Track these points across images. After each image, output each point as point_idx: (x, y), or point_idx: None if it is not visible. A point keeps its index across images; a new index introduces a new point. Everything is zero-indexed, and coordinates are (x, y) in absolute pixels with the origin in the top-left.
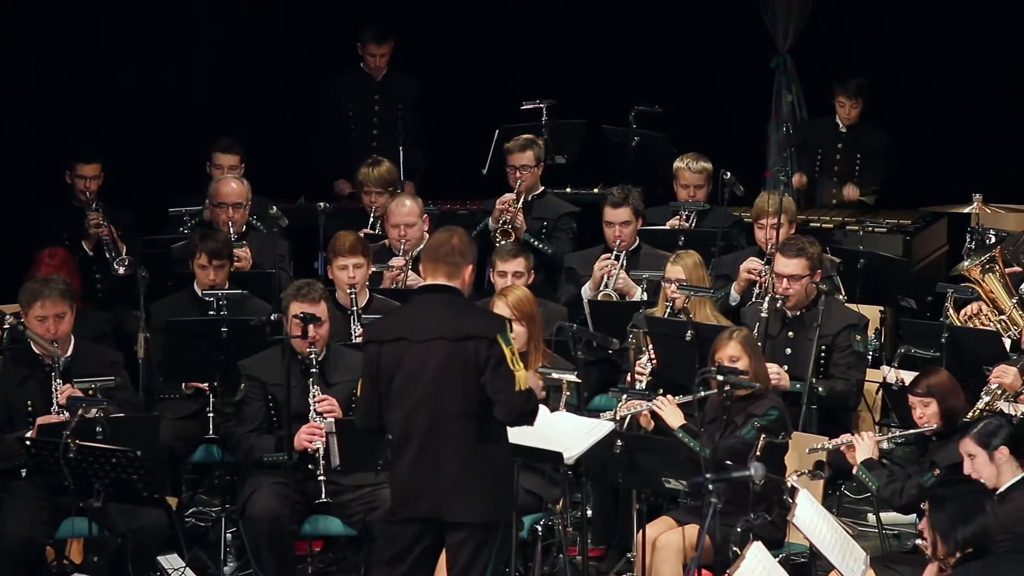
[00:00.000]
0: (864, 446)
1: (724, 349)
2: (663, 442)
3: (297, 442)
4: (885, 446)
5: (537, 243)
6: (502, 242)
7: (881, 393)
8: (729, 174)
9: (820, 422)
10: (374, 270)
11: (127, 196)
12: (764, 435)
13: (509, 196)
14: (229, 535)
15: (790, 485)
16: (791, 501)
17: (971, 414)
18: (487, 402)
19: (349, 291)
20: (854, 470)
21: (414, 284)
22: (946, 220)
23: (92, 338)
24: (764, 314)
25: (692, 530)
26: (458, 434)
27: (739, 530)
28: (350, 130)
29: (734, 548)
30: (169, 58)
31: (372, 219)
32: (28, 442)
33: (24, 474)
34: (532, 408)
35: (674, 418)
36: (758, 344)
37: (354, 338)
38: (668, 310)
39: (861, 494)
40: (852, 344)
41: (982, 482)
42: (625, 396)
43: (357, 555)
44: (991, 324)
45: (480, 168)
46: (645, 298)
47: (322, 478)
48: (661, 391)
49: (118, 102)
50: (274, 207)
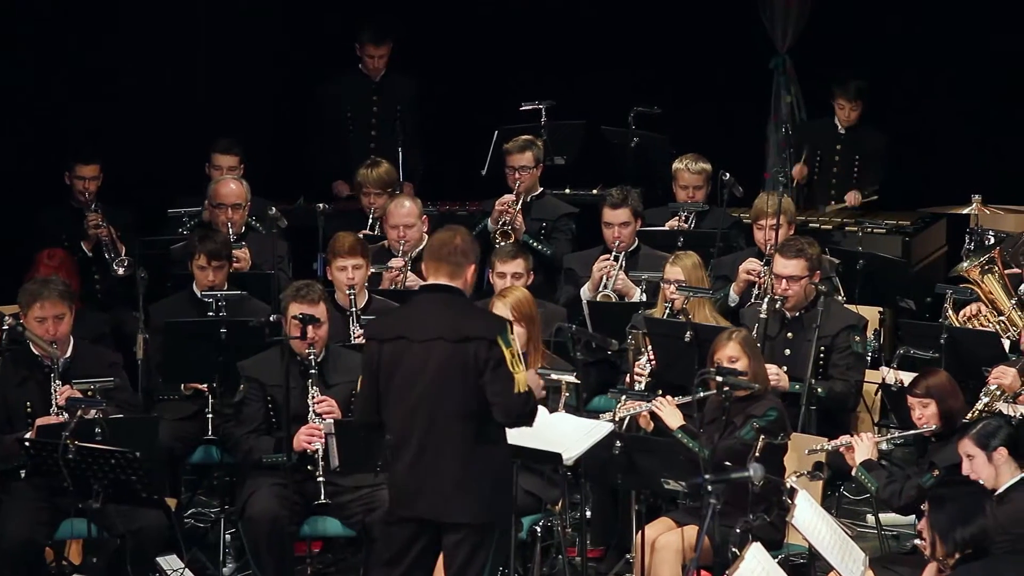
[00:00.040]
0: (863, 447)
1: (723, 350)
2: (662, 443)
3: (296, 443)
4: (884, 447)
5: (536, 244)
6: (501, 243)
7: (880, 394)
8: (728, 175)
9: (819, 423)
10: (373, 271)
11: (126, 197)
12: (763, 436)
13: (508, 197)
14: (228, 536)
15: (789, 486)
16: (790, 502)
17: (970, 415)
18: (486, 403)
19: (348, 292)
20: (853, 471)
21: (413, 285)
22: (945, 221)
23: (91, 339)
24: (763, 315)
25: (691, 531)
26: (457, 435)
27: (738, 531)
28: (348, 131)
29: (733, 549)
30: (169, 58)
31: (371, 220)
32: (27, 443)
33: (23, 475)
34: (531, 410)
35: (673, 419)
36: (757, 345)
37: (353, 339)
38: (667, 311)
39: (860, 495)
40: (851, 345)
41: (981, 483)
42: (624, 397)
43: (356, 556)
44: (990, 325)
45: (479, 169)
46: (644, 299)
47: (321, 479)
48: (660, 392)
49: (118, 102)
50: (273, 208)
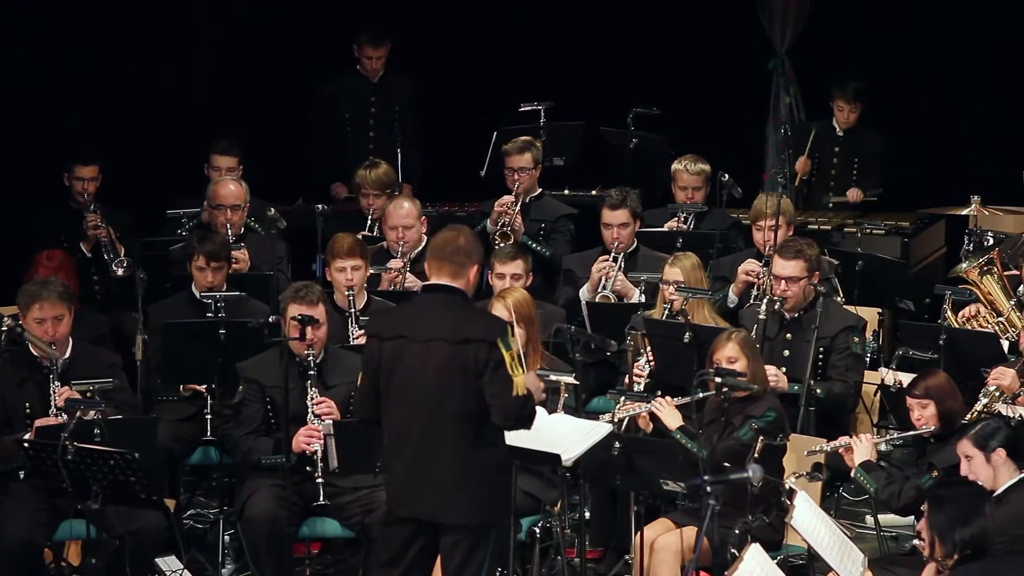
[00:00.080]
0: (862, 448)
1: (722, 350)
2: (661, 444)
3: (295, 444)
4: (883, 448)
5: (535, 245)
6: (500, 244)
7: (879, 395)
8: (727, 176)
9: (818, 424)
10: (372, 272)
11: (125, 198)
12: (762, 437)
13: (507, 198)
14: (227, 537)
15: (788, 487)
16: (789, 503)
17: (969, 416)
18: (485, 405)
19: (347, 293)
20: (852, 472)
21: (412, 286)
22: (944, 222)
23: (90, 340)
24: (762, 316)
25: (690, 532)
26: (455, 436)
27: (737, 532)
28: (347, 132)
29: (732, 550)
30: (169, 58)
31: (369, 221)
32: (26, 444)
33: (22, 476)
34: (528, 414)
35: (672, 419)
36: (756, 346)
37: (352, 340)
38: (666, 312)
39: (859, 496)
40: (850, 346)
41: (980, 484)
42: (623, 398)
43: (355, 557)
44: (989, 326)
45: (478, 170)
46: (643, 300)
47: (320, 480)
48: (659, 393)
49: (118, 102)
50: (272, 209)
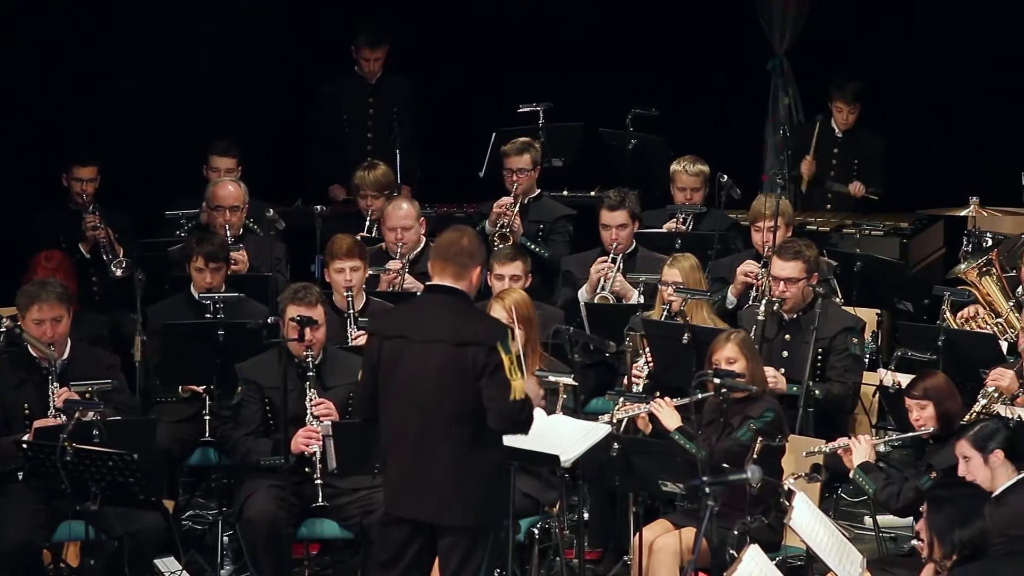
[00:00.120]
0: (861, 450)
1: (721, 351)
2: (660, 445)
3: (294, 446)
4: (882, 449)
5: (533, 246)
6: (499, 245)
7: (878, 396)
8: (726, 177)
9: (817, 425)
10: (371, 273)
11: (124, 199)
12: (760, 437)
13: (506, 199)
14: (226, 538)
15: (787, 488)
16: (788, 504)
17: (968, 417)
18: (483, 407)
19: (346, 294)
20: (851, 473)
21: (411, 287)
22: (943, 223)
23: (89, 341)
24: (761, 317)
25: (689, 533)
26: (453, 437)
27: (736, 533)
28: (345, 133)
29: (731, 551)
30: (169, 58)
31: (368, 222)
32: (25, 445)
33: (21, 477)
34: (525, 418)
35: (671, 420)
36: (755, 346)
37: (351, 341)
38: (665, 313)
39: (858, 497)
40: (849, 347)
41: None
42: (622, 399)
43: (354, 558)
44: (988, 327)
45: (477, 171)
46: (642, 301)
47: (319, 482)
48: (658, 394)
49: (117, 102)
50: (271, 210)
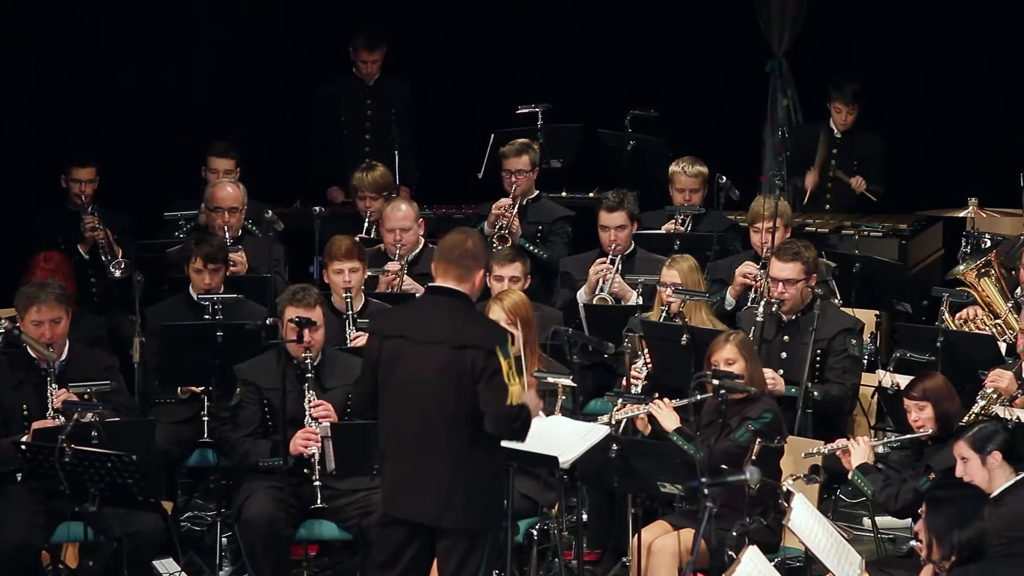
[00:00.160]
0: (859, 451)
1: (720, 352)
2: (658, 446)
3: (292, 447)
4: (881, 450)
5: (532, 248)
6: (498, 247)
7: (877, 397)
8: (725, 178)
9: (816, 426)
10: (369, 274)
11: (123, 200)
12: (759, 438)
13: (505, 201)
14: (224, 539)
15: (785, 489)
16: (786, 505)
17: (967, 418)
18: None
19: (345, 295)
20: (849, 475)
21: (409, 289)
22: (942, 224)
23: (87, 342)
24: (759, 318)
25: (688, 534)
26: (451, 439)
27: (735, 534)
28: (343, 134)
29: (730, 552)
30: (169, 58)
31: (367, 224)
32: (24, 446)
33: (20, 478)
34: (521, 424)
35: (669, 421)
36: (754, 347)
37: (350, 342)
38: (664, 314)
39: (856, 498)
40: (848, 348)
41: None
42: (621, 400)
43: (352, 559)
44: (986, 328)
45: (476, 172)
46: (640, 302)
47: (317, 483)
48: (657, 395)
49: (117, 103)
50: (270, 211)
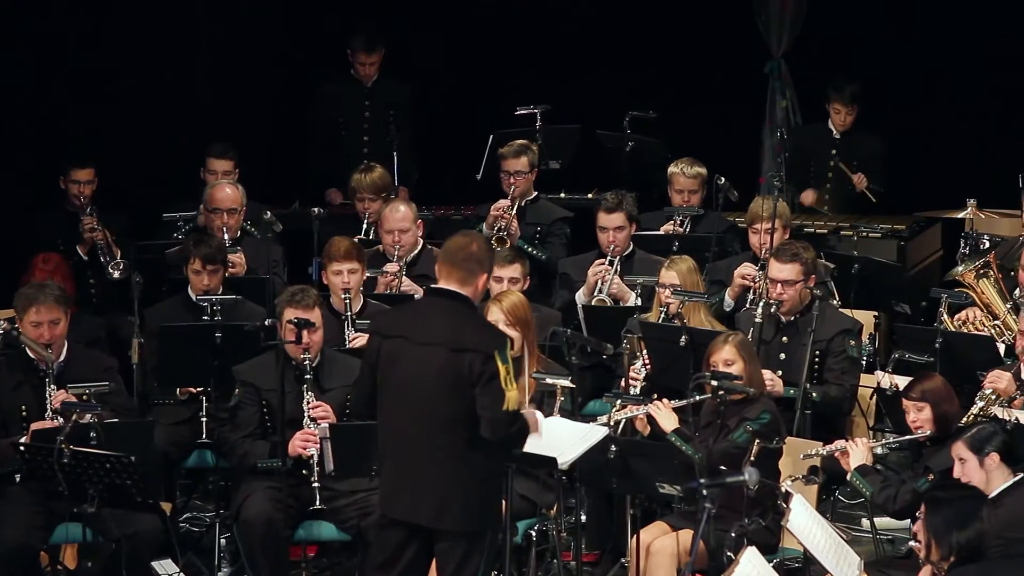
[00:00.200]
0: (858, 452)
1: (719, 353)
2: (657, 447)
3: (291, 448)
4: (879, 451)
5: (531, 249)
6: (497, 248)
7: (875, 398)
8: (723, 179)
9: (814, 427)
10: (368, 275)
11: (121, 201)
12: (757, 439)
13: (504, 202)
14: (223, 540)
15: (784, 490)
16: (785, 506)
17: (965, 419)
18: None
19: (344, 296)
20: (848, 476)
21: (408, 290)
22: (940, 225)
23: (86, 343)
24: (758, 319)
25: (686, 535)
26: (449, 440)
27: (733, 535)
28: (341, 135)
29: (728, 553)
30: (169, 59)
31: (365, 225)
32: (22, 447)
33: (18, 479)
34: (517, 430)
35: (668, 422)
36: (753, 348)
37: (348, 344)
38: (662, 315)
39: (855, 499)
40: (846, 349)
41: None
42: (619, 401)
43: (351, 560)
44: (985, 329)
45: (474, 173)
46: (639, 303)
47: (316, 484)
48: (655, 396)
49: (117, 103)
50: (268, 212)
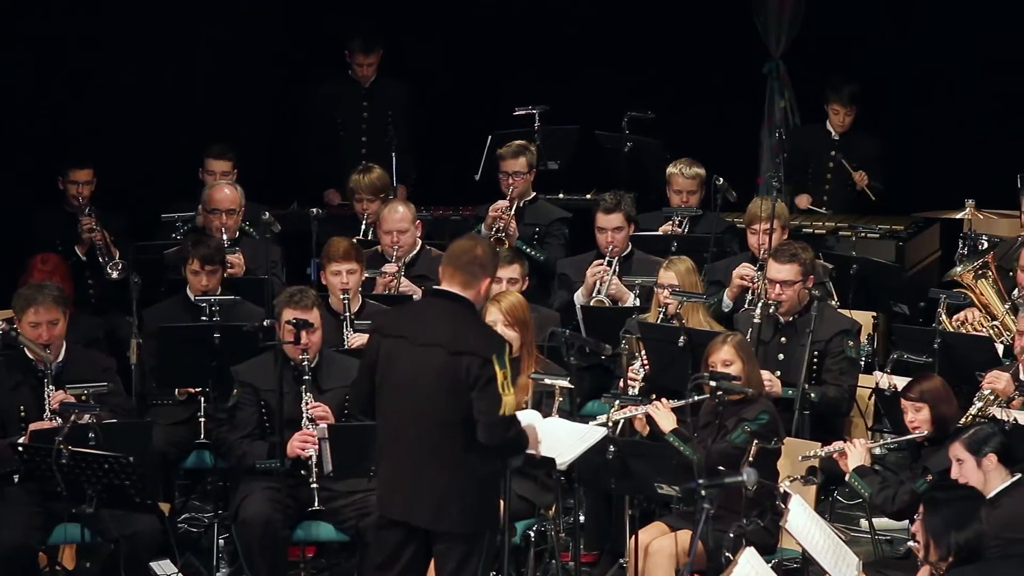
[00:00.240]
0: (856, 453)
1: (717, 353)
2: (655, 447)
3: (290, 449)
4: (878, 452)
5: (529, 249)
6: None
7: (874, 399)
8: (722, 180)
9: (813, 428)
10: (367, 276)
11: (120, 201)
12: (755, 440)
13: (502, 203)
14: (222, 541)
15: (783, 490)
16: (784, 507)
17: (964, 420)
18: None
19: (342, 297)
20: (847, 476)
21: (407, 290)
22: (939, 226)
23: (85, 343)
24: (757, 320)
25: (685, 536)
26: (446, 442)
27: (732, 535)
28: (339, 136)
29: (727, 554)
30: (169, 58)
31: (364, 226)
32: (21, 448)
33: (17, 480)
34: (513, 436)
35: (666, 422)
36: (751, 349)
37: (347, 344)
38: (661, 316)
39: (854, 499)
40: (845, 350)
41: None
42: (618, 402)
43: (350, 561)
44: (984, 330)
45: (473, 174)
46: (638, 304)
47: (314, 485)
48: (654, 396)
49: (116, 103)
50: (267, 213)
